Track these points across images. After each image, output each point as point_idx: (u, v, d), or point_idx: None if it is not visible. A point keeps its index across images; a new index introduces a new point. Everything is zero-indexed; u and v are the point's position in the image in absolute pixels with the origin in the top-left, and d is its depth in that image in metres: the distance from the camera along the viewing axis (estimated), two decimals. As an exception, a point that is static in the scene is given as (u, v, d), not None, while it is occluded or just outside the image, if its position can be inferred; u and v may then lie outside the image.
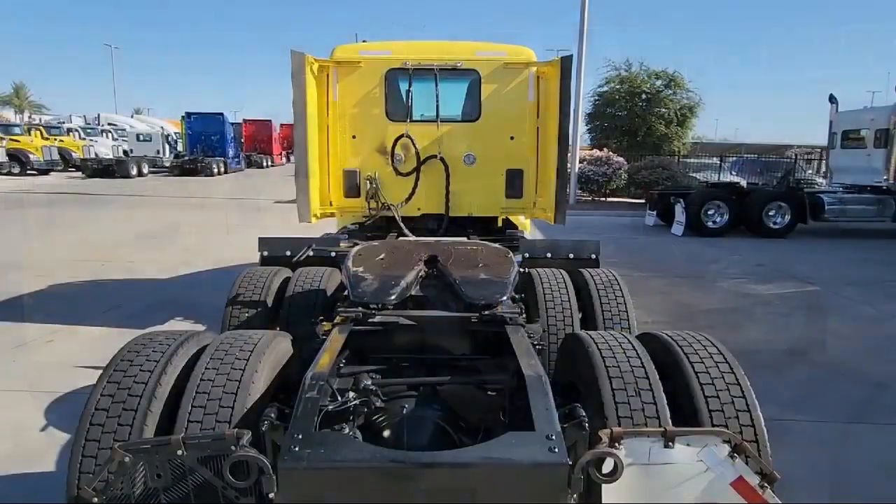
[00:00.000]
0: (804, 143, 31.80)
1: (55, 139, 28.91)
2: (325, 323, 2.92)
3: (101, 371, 2.04)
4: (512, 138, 5.42)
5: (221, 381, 2.03)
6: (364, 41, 6.04)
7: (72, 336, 5.56)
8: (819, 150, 25.07)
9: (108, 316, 6.13)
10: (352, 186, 5.37)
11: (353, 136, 5.37)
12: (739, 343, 4.87)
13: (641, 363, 2.16)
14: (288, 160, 45.10)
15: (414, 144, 5.26)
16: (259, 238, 4.76)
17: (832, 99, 15.21)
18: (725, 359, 2.22)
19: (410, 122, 5.29)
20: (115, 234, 11.43)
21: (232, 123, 37.03)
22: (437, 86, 5.26)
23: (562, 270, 3.97)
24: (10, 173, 24.60)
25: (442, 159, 5.30)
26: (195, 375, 2.05)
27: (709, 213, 13.28)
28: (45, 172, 26.25)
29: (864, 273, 9.48)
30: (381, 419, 2.33)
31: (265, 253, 4.66)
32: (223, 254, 9.24)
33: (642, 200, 17.90)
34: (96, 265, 8.51)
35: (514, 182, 5.46)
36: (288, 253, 4.53)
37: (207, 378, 2.04)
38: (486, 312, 2.74)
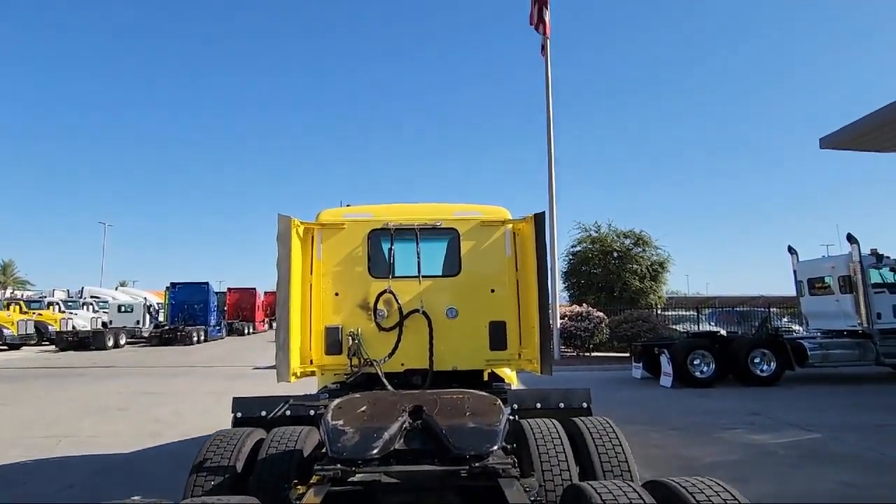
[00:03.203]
0: (773, 294, 32.96)
1: (34, 313, 28.69)
2: (298, 486, 2.66)
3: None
4: (493, 291, 5.52)
5: None
6: (348, 205, 6.41)
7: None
8: (782, 300, 26.04)
9: (61, 497, 5.51)
10: (333, 343, 5.29)
11: (336, 294, 5.43)
12: (752, 499, 4.50)
13: None
14: (270, 327, 44.89)
15: (396, 299, 5.31)
16: (233, 398, 4.52)
17: (791, 250, 16.16)
18: None
19: (393, 278, 5.41)
20: (79, 407, 10.77)
21: (217, 292, 37.44)
22: (417, 244, 5.49)
23: (554, 420, 3.78)
24: (-22, 349, 23.88)
25: (424, 313, 5.31)
26: None
27: (695, 362, 13.21)
28: (17, 347, 25.54)
29: (861, 418, 9.20)
30: None
31: (239, 414, 4.40)
32: (195, 423, 8.67)
33: (627, 353, 17.83)
34: (52, 441, 7.87)
35: (497, 334, 5.43)
36: (263, 413, 4.28)
37: None
38: (477, 465, 2.53)
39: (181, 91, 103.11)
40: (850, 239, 13.70)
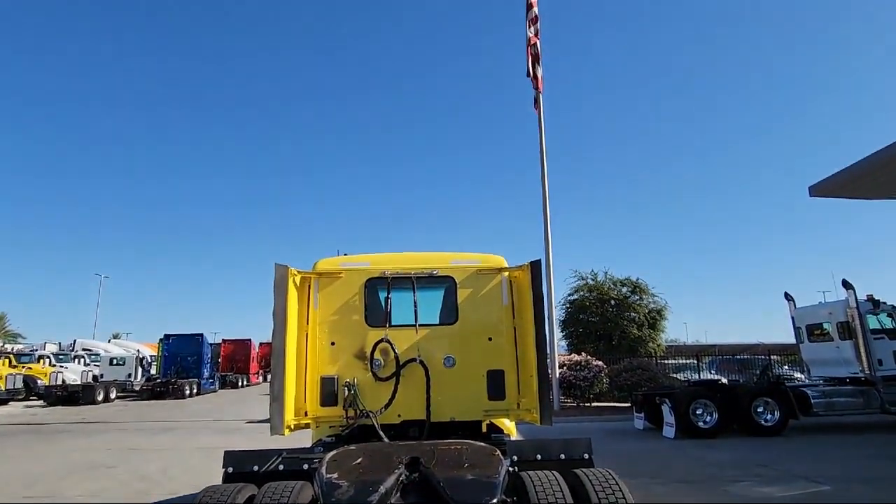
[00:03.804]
0: (772, 341, 32.73)
1: (23, 367, 28.13)
2: (291, 545, 2.55)
3: None
4: (490, 340, 5.48)
5: None
6: (345, 254, 6.44)
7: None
8: (781, 347, 25.85)
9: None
10: (329, 394, 5.20)
11: (333, 343, 5.38)
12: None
13: None
14: (265, 379, 44.07)
15: (393, 348, 5.26)
16: (224, 452, 4.39)
17: (788, 296, 16.16)
18: None
19: (390, 327, 5.38)
20: (63, 465, 10.41)
21: (211, 343, 36.94)
22: (414, 292, 5.48)
23: (555, 472, 3.67)
24: (-36, 405, 23.28)
25: (422, 362, 5.26)
26: None
27: (697, 412, 12.94)
28: (4, 402, 24.90)
29: (870, 470, 8.96)
30: None
31: (230, 469, 4.26)
32: (184, 481, 8.38)
33: (627, 404, 17.50)
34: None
35: (495, 383, 5.36)
36: (255, 468, 4.15)
37: None
38: (476, 519, 2.45)
39: (174, 144, 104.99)
40: (846, 285, 13.74)
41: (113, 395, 27.51)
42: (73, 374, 29.98)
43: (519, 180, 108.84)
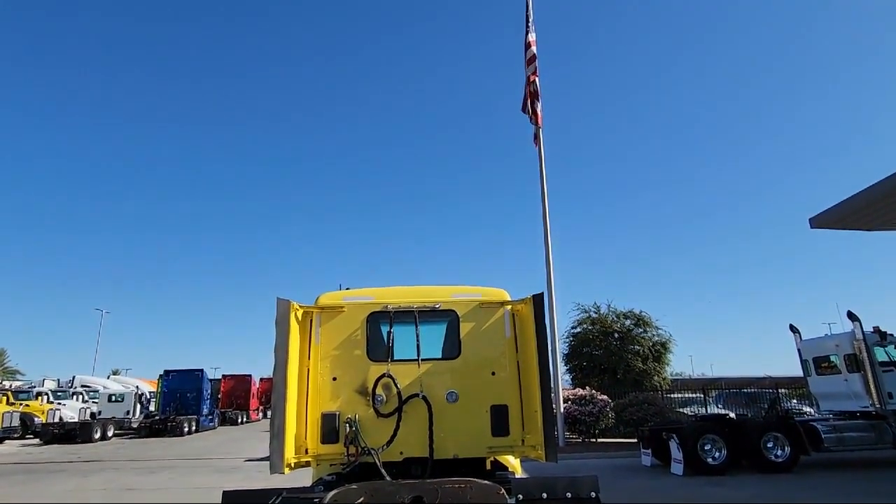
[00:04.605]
0: (779, 375, 32.29)
1: (20, 404, 27.80)
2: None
3: None
4: (493, 374, 5.42)
5: None
6: (347, 288, 6.43)
7: None
8: (789, 380, 25.47)
9: None
10: (330, 430, 5.11)
11: (334, 378, 5.32)
12: None
13: None
14: (265, 415, 43.42)
15: (395, 383, 5.20)
16: (223, 491, 4.30)
17: (793, 329, 16.01)
18: None
19: (392, 361, 5.33)
20: (59, 505, 10.17)
21: (211, 379, 36.54)
22: (416, 326, 5.45)
23: (561, 512, 3.58)
24: (-40, 444, 22.92)
25: (424, 397, 5.19)
26: None
27: (705, 448, 12.66)
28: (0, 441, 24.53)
29: (887, 507, 8.72)
30: None
31: (228, 510, 4.17)
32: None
33: (634, 439, 17.15)
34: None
35: (499, 419, 5.27)
36: (255, 508, 4.06)
37: None
38: (481, 561, 2.37)
39: (173, 175, 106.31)
40: (851, 317, 13.62)
41: (110, 433, 27.08)
42: (70, 411, 29.61)
43: (519, 215, 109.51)
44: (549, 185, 20.92)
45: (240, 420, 39.81)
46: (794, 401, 25.08)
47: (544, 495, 4.32)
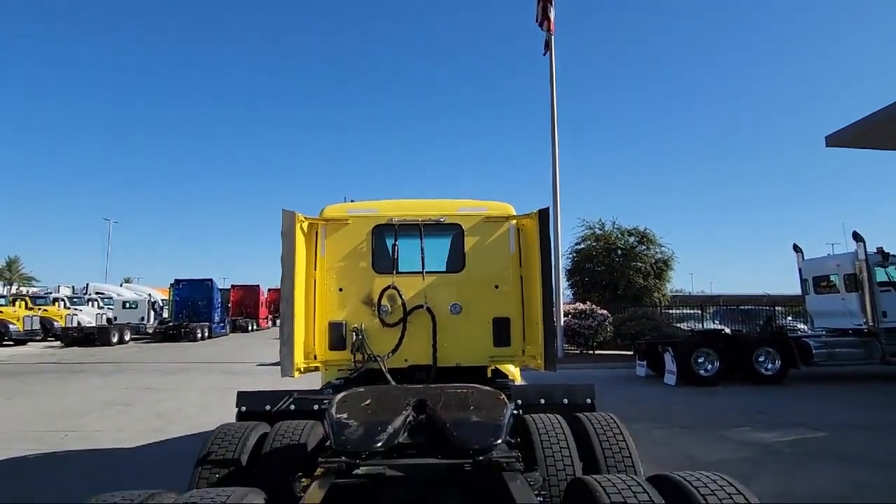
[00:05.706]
0: (777, 293, 32.86)
1: (39, 309, 28.83)
2: (304, 479, 2.66)
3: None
4: (497, 287, 5.50)
5: None
6: (352, 200, 6.39)
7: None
8: (786, 298, 25.92)
9: (68, 488, 5.54)
10: (337, 338, 5.28)
11: (340, 289, 5.41)
12: (758, 497, 4.47)
13: None
14: (274, 324, 45.01)
15: (400, 295, 5.30)
16: (238, 392, 4.52)
17: (796, 248, 16.08)
18: (748, 500, 2.02)
19: (396, 274, 5.39)
20: (83, 402, 10.82)
21: (220, 289, 37.54)
22: (421, 239, 5.46)
23: (557, 416, 3.76)
24: (-15, 344, 24.05)
25: (428, 309, 5.30)
26: None
27: (699, 360, 13.15)
28: (23, 343, 25.69)
29: (868, 417, 9.16)
30: None
31: (243, 408, 4.40)
32: (199, 418, 8.71)
33: (630, 352, 17.80)
34: (58, 436, 7.91)
35: (501, 330, 5.41)
36: (268, 407, 4.28)
37: None
38: (481, 458, 2.52)
39: (185, 88, 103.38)
40: (856, 237, 13.61)
41: (127, 338, 28.27)
42: (87, 316, 30.73)
43: (528, 127, 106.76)
44: (559, 102, 20.24)
45: (250, 328, 41.39)
46: (790, 318, 25.70)
47: (542, 401, 4.54)
